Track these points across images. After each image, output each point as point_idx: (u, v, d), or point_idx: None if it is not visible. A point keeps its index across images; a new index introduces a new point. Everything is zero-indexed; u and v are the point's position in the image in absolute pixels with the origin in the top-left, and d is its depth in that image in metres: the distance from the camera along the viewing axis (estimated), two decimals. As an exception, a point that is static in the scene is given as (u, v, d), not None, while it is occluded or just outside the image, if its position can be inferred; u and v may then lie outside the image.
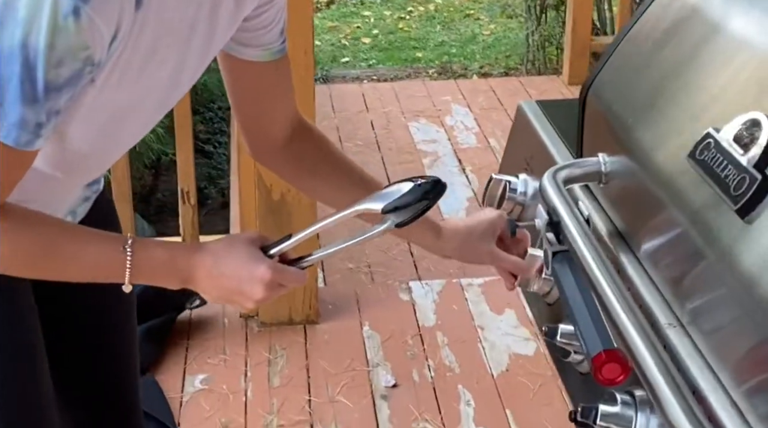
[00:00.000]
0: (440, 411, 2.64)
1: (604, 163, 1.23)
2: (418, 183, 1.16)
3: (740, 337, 0.94)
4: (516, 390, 2.71)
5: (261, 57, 1.31)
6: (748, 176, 0.91)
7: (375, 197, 1.18)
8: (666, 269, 1.07)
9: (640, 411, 1.05)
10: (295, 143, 1.39)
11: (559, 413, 2.63)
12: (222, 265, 1.18)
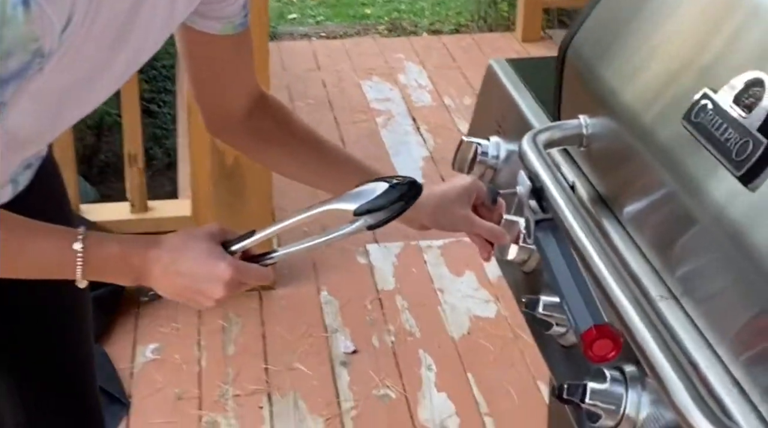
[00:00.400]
0: (401, 377, 2.60)
1: (586, 125, 1.17)
2: (393, 184, 1.10)
3: (740, 308, 0.89)
4: (477, 353, 2.67)
5: (222, 30, 1.23)
6: (752, 140, 0.86)
7: (347, 197, 1.11)
8: (656, 239, 1.01)
9: (631, 387, 1.00)
10: (255, 117, 1.33)
11: (521, 375, 2.60)
12: (179, 262, 1.11)
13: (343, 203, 1.11)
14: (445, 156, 3.79)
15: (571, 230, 1.00)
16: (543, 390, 2.55)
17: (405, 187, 1.10)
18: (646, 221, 1.04)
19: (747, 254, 0.86)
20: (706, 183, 0.92)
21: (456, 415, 2.47)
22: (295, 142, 1.36)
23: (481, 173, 1.47)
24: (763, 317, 0.86)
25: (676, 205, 0.97)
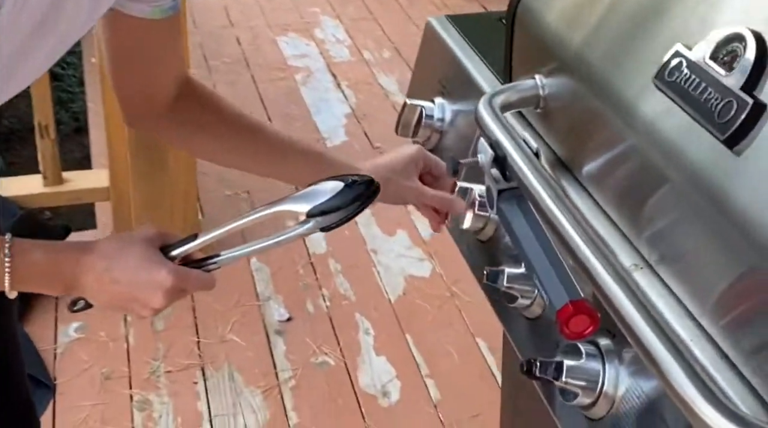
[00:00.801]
0: (339, 343, 2.54)
1: (542, 86, 1.11)
2: (349, 183, 1.03)
3: (721, 273, 0.84)
4: (414, 314, 2.63)
5: (150, 14, 1.13)
6: (736, 100, 0.80)
7: (300, 197, 1.04)
8: (627, 206, 0.96)
9: (608, 362, 0.95)
10: (181, 104, 1.23)
11: (459, 334, 2.57)
12: (115, 270, 1.03)
13: (295, 204, 1.04)
14: (368, 112, 3.72)
15: (541, 201, 0.94)
16: (483, 347, 2.53)
17: (362, 187, 1.04)
18: (615, 188, 0.98)
19: (731, 219, 0.81)
20: (683, 146, 0.87)
21: (397, 379, 2.43)
22: (224, 128, 1.27)
23: (427, 137, 1.40)
24: (746, 280, 0.82)
25: (649, 170, 0.92)
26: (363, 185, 1.04)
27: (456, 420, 2.31)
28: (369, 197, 1.04)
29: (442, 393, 2.38)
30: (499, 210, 1.02)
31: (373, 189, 1.04)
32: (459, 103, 1.37)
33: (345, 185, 1.03)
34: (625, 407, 0.94)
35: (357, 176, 1.05)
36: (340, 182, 1.04)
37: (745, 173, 0.80)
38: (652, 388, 0.91)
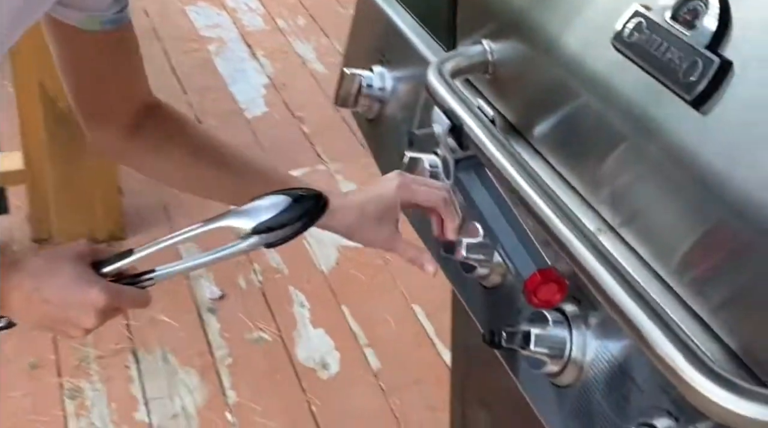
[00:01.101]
0: (274, 318, 2.51)
1: (491, 51, 1.09)
2: (297, 197, 0.99)
3: (685, 231, 0.84)
4: (349, 285, 2.61)
5: (86, 25, 1.06)
6: (701, 60, 0.79)
7: (244, 211, 0.99)
8: (588, 170, 0.95)
9: (575, 328, 0.95)
10: (142, 130, 1.16)
11: (395, 301, 2.56)
12: (44, 289, 0.97)
13: (239, 219, 0.99)
14: (286, 82, 3.66)
15: (502, 168, 0.92)
16: (419, 314, 2.53)
17: (310, 203, 1.00)
18: (574, 152, 0.97)
19: (697, 177, 0.80)
20: (645, 107, 0.86)
21: (335, 350, 2.42)
22: (189, 158, 1.20)
23: (368, 106, 1.37)
24: (712, 236, 0.82)
25: (610, 133, 0.91)
26: (311, 201, 1.00)
27: (397, 386, 2.31)
28: (317, 214, 1.00)
29: (382, 361, 2.38)
30: (456, 180, 1.00)
31: (321, 205, 1.00)
32: (400, 71, 1.34)
33: (292, 200, 0.99)
34: (593, 372, 0.93)
35: (304, 190, 1.01)
36: (287, 196, 0.99)
37: (712, 131, 0.80)
38: (620, 351, 0.90)
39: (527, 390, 1.03)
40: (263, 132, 3.42)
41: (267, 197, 1.00)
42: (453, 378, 1.57)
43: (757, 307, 0.77)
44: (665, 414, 0.84)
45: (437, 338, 2.43)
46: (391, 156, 1.34)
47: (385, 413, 2.24)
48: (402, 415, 2.24)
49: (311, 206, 1.00)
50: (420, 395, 2.28)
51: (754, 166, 0.76)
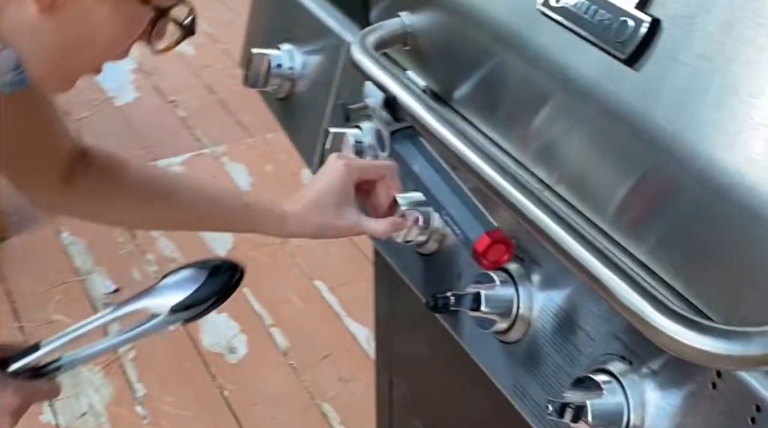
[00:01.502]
0: (174, 306, 2.48)
1: (409, 23, 1.10)
2: (212, 268, 0.98)
3: (620, 181, 0.88)
4: (249, 266, 2.58)
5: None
6: (631, 20, 0.83)
7: (159, 291, 0.97)
8: (520, 133, 0.98)
9: (521, 286, 0.98)
10: (78, 181, 1.11)
11: (297, 279, 2.56)
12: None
13: (155, 300, 0.97)
14: (156, 66, 3.59)
15: (442, 137, 0.94)
16: (322, 289, 2.54)
17: (226, 275, 0.98)
18: (505, 117, 1.00)
19: (632, 130, 0.84)
20: (577, 68, 0.89)
21: (241, 333, 2.41)
22: (130, 197, 1.15)
23: (278, 85, 1.37)
24: (645, 182, 0.86)
25: (542, 96, 0.94)
26: (227, 274, 0.99)
27: (307, 364, 2.32)
28: (236, 284, 0.99)
29: (290, 340, 2.38)
30: (393, 151, 1.01)
31: (238, 275, 0.99)
32: (310, 48, 1.34)
33: (209, 275, 0.98)
34: (542, 326, 0.97)
35: (220, 261, 1.00)
36: (201, 269, 0.98)
37: (646, 86, 0.83)
38: (568, 304, 0.94)
39: (474, 350, 1.06)
40: (136, 120, 3.35)
41: (181, 271, 0.99)
42: (378, 348, 1.60)
43: (692, 244, 0.82)
44: (618, 359, 0.89)
45: (343, 311, 2.45)
46: (308, 133, 1.35)
47: (298, 390, 2.25)
48: (315, 390, 2.25)
49: (227, 278, 0.98)
50: (331, 368, 2.30)
51: (687, 114, 0.80)
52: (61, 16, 0.86)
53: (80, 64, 0.91)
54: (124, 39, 0.90)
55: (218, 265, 0.99)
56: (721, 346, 0.71)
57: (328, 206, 1.09)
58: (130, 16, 0.88)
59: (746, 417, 0.77)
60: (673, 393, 0.84)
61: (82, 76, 0.93)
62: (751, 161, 0.74)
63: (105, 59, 0.92)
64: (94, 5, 0.86)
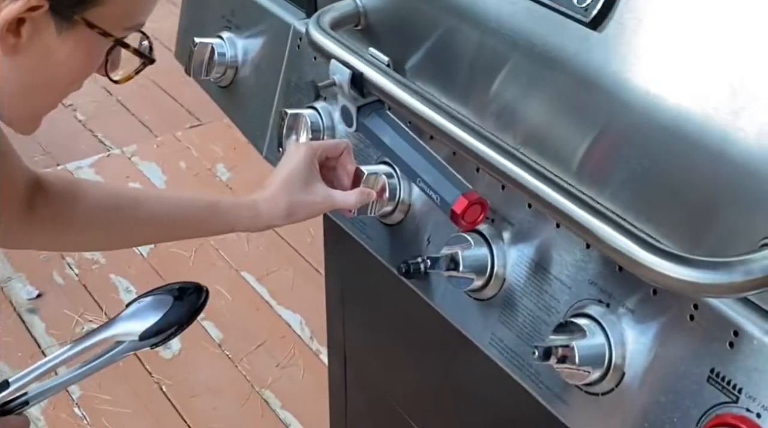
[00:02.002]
0: (101, 307, 2.46)
1: (362, 3, 1.14)
2: (177, 293, 1.00)
3: (583, 136, 0.94)
4: (173, 263, 2.59)
5: None
6: (592, -15, 0.89)
7: (126, 319, 0.98)
8: (484, 101, 1.03)
9: (494, 245, 1.03)
10: (39, 210, 1.08)
11: (224, 271, 2.57)
12: None
13: (124, 328, 0.98)
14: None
15: (413, 107, 0.98)
16: (250, 279, 2.56)
17: (192, 298, 1.01)
18: (468, 88, 1.05)
19: (603, 87, 0.90)
20: (545, 37, 0.95)
21: (174, 329, 2.40)
22: (95, 215, 1.12)
23: (222, 73, 1.39)
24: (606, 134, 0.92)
25: (505, 63, 0.99)
26: (193, 296, 1.01)
27: (243, 352, 2.34)
28: (201, 307, 1.01)
29: (224, 332, 2.39)
30: (361, 126, 1.05)
31: (203, 297, 1.01)
32: (251, 34, 1.37)
33: (175, 301, 0.99)
34: (515, 279, 1.02)
35: (183, 284, 1.02)
36: (167, 295, 0.99)
37: (610, 46, 0.90)
38: (541, 257, 1.00)
39: (448, 311, 1.11)
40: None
41: (147, 298, 1.00)
42: (329, 330, 1.63)
43: (654, 184, 0.88)
44: (596, 303, 0.95)
45: (273, 300, 2.47)
46: (256, 117, 1.37)
47: (237, 379, 2.27)
48: (254, 378, 2.27)
49: (194, 301, 1.01)
50: (267, 356, 2.32)
51: (650, 69, 0.87)
52: (24, 57, 0.86)
53: (45, 102, 0.92)
54: (86, 73, 0.91)
55: (183, 288, 1.01)
56: (708, 276, 0.78)
57: (297, 183, 1.10)
58: (90, 50, 0.89)
59: (725, 342, 0.84)
60: (652, 328, 0.90)
61: (45, 114, 0.93)
62: (717, 108, 0.81)
63: (66, 94, 0.92)
64: (56, 43, 0.86)
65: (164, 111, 3.23)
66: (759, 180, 0.79)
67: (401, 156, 1.02)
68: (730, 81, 0.80)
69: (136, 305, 1.00)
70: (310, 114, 1.22)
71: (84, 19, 0.85)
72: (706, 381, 0.86)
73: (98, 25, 0.86)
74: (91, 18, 0.85)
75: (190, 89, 3.37)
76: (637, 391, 0.92)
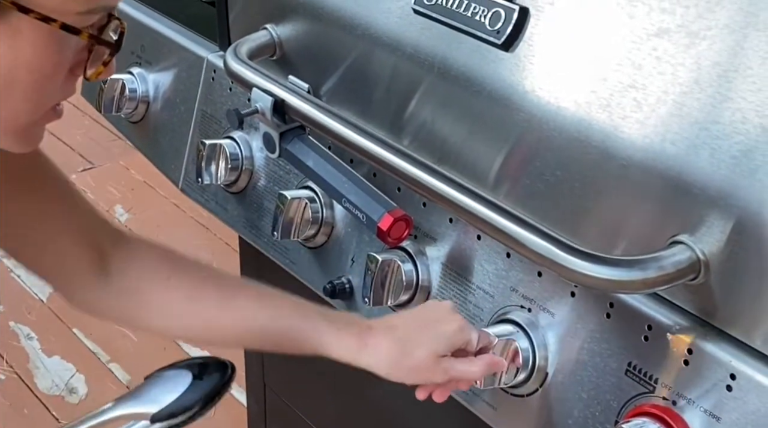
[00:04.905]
0: (2, 356, 2.40)
1: (276, 34, 1.18)
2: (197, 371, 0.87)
3: (499, 149, 0.99)
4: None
5: None
6: (502, 9, 0.95)
7: (139, 397, 0.89)
8: (398, 121, 1.08)
9: (418, 260, 1.08)
10: (115, 272, 0.98)
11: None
12: None
13: (135, 407, 0.88)
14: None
15: (337, 131, 1.03)
16: (154, 320, 2.53)
17: (215, 378, 0.87)
18: (383, 110, 1.09)
19: (512, 105, 0.96)
20: (459, 59, 1.00)
21: (78, 373, 2.37)
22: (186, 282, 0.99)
23: (134, 108, 1.41)
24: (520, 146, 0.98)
25: (420, 85, 1.05)
26: (216, 376, 0.87)
27: (152, 394, 2.31)
28: (224, 386, 0.87)
29: (131, 373, 2.37)
30: (284, 151, 1.09)
31: (228, 376, 0.88)
32: (162, 69, 1.39)
33: (193, 376, 0.87)
34: (439, 292, 1.07)
35: (206, 360, 0.89)
36: (186, 371, 0.87)
37: (522, 65, 0.96)
38: (463, 268, 1.05)
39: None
40: None
41: (165, 372, 0.89)
42: (247, 363, 1.63)
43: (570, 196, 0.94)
44: (518, 309, 1.00)
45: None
46: (171, 150, 1.39)
47: (147, 420, 2.24)
48: (165, 419, 2.25)
49: (217, 381, 0.88)
50: (177, 395, 2.30)
51: (559, 85, 0.93)
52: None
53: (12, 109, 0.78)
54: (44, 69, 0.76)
55: (206, 363, 0.88)
56: (624, 274, 0.84)
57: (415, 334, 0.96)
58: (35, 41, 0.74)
59: (640, 336, 0.91)
60: (572, 329, 0.96)
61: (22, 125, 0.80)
62: (625, 118, 0.88)
63: (43, 98, 0.79)
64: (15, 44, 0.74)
65: (55, 155, 3.17)
66: (665, 184, 0.86)
67: (325, 178, 1.06)
68: (635, 96, 0.87)
69: (152, 381, 0.89)
70: (228, 144, 1.25)
71: (14, 3, 0.72)
72: (624, 374, 0.92)
73: (35, 10, 0.73)
74: (24, 2, 0.72)
75: (80, 133, 3.36)
76: (561, 389, 0.97)
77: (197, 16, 1.35)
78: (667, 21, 0.85)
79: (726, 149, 0.81)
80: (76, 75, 0.80)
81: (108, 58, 0.80)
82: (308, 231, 1.17)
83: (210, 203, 1.33)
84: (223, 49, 1.27)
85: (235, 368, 0.88)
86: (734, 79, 0.81)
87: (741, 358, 0.84)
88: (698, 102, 0.83)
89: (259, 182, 1.26)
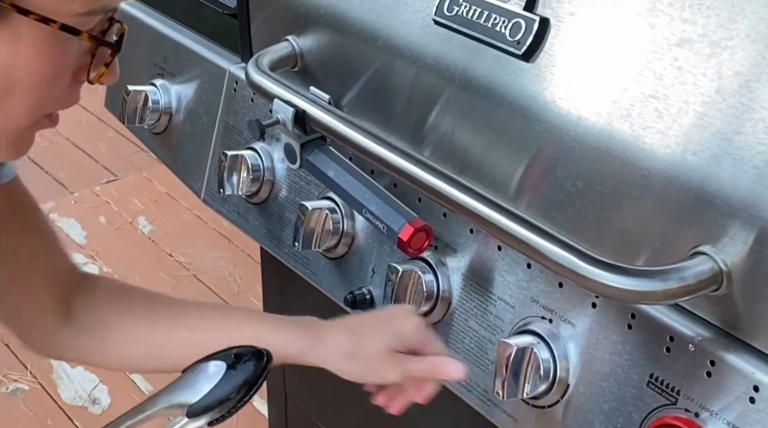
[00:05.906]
0: (26, 366, 2.42)
1: (298, 45, 1.19)
2: (232, 361, 0.83)
3: (517, 161, 0.99)
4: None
5: None
6: (523, 20, 0.95)
7: (175, 390, 0.83)
8: (420, 132, 1.08)
9: (438, 270, 1.08)
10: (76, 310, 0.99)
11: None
12: None
13: (171, 399, 0.82)
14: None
15: (358, 142, 1.03)
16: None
17: (251, 367, 0.83)
18: (405, 122, 1.10)
19: (532, 115, 0.96)
20: (480, 70, 1.00)
21: (102, 383, 2.38)
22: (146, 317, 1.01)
23: (156, 120, 1.42)
24: (538, 159, 0.98)
25: (440, 95, 1.05)
26: (251, 364, 0.83)
27: (174, 404, 2.32)
28: (260, 376, 0.83)
29: (153, 384, 2.37)
30: (305, 162, 1.09)
31: (265, 363, 0.84)
32: (184, 80, 1.40)
33: (228, 366, 0.82)
34: (460, 302, 1.07)
35: (241, 349, 0.85)
36: (221, 361, 0.83)
37: (538, 75, 0.96)
38: (484, 279, 1.04)
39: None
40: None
41: (198, 364, 0.84)
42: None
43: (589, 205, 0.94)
44: (539, 319, 1.00)
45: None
46: (193, 161, 1.40)
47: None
48: None
49: (252, 370, 0.83)
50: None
51: (580, 95, 0.93)
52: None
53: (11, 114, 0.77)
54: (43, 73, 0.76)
55: (240, 354, 0.84)
56: (646, 284, 0.84)
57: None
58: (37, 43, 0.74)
59: (662, 347, 0.90)
60: (593, 340, 0.96)
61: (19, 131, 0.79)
62: (646, 128, 0.88)
63: (40, 104, 0.78)
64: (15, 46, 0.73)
65: (79, 167, 3.21)
66: (687, 194, 0.86)
67: (346, 189, 1.06)
68: (656, 106, 0.87)
69: (185, 374, 0.84)
70: (249, 155, 1.25)
71: (13, 4, 0.71)
72: (646, 386, 0.91)
73: (34, 11, 0.72)
74: (23, 3, 0.72)
75: (104, 145, 3.38)
76: (582, 401, 0.97)
77: (219, 27, 1.35)
78: (688, 31, 0.85)
79: (748, 159, 0.81)
80: (80, 80, 0.79)
81: (109, 59, 0.79)
82: (329, 242, 1.17)
83: (232, 213, 1.34)
84: (245, 61, 1.27)
85: (271, 356, 0.84)
86: (756, 89, 0.80)
87: (764, 370, 0.83)
88: (720, 112, 0.83)
89: (280, 193, 1.26)
